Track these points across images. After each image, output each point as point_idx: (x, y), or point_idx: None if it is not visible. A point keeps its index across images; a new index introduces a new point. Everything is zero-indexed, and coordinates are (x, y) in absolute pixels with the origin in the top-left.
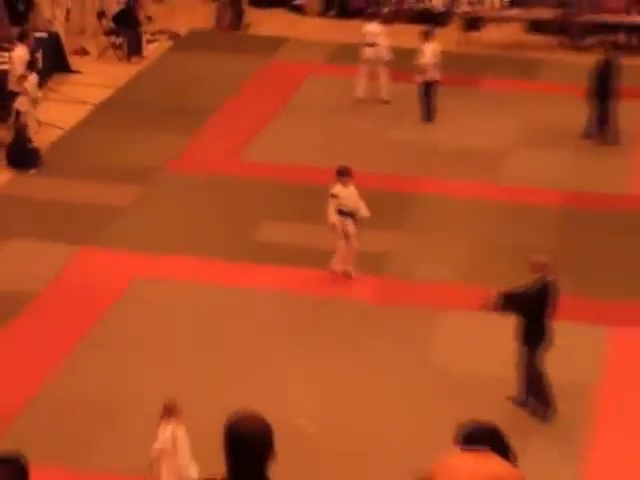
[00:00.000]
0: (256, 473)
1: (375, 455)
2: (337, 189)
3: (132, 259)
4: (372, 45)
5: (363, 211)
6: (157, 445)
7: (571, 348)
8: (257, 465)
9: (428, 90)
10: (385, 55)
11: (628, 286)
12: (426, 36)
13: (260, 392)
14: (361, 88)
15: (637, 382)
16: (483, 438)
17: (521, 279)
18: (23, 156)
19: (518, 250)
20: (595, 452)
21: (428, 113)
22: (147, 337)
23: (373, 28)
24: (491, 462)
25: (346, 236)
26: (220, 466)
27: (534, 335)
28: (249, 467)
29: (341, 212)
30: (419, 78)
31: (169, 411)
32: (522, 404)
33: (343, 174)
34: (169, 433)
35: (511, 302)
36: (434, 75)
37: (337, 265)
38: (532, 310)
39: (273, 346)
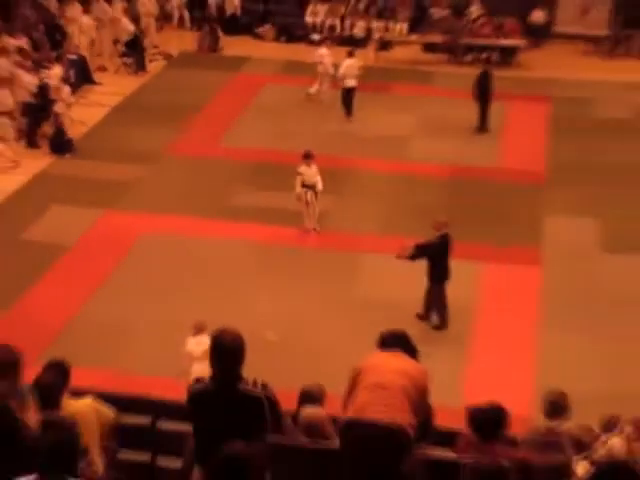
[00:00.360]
0: (233, 371)
1: (320, 355)
2: (302, 168)
3: (140, 219)
4: (321, 63)
5: (319, 185)
6: (186, 349)
7: (457, 280)
8: (234, 365)
9: (347, 94)
10: (329, 70)
11: (497, 234)
12: (348, 54)
13: (237, 313)
14: (315, 90)
15: (502, 303)
16: (396, 342)
17: (422, 230)
18: (61, 145)
19: (419, 209)
20: (474, 353)
21: (348, 111)
22: (154, 275)
23: (322, 51)
24: (401, 359)
25: (308, 204)
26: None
27: (439, 274)
28: (228, 367)
29: (304, 185)
30: (340, 85)
31: (199, 328)
32: (424, 319)
33: (307, 157)
34: (197, 345)
35: (421, 251)
36: (350, 83)
37: (306, 224)
38: (437, 256)
39: (247, 281)
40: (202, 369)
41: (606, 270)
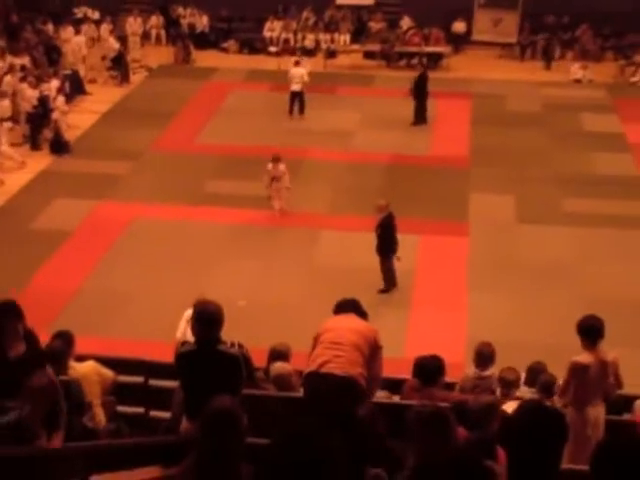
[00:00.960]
0: (214, 335)
1: (286, 317)
2: (269, 166)
3: (130, 207)
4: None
5: (286, 182)
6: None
7: (399, 250)
8: (214, 330)
9: (293, 97)
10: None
11: (431, 210)
12: (295, 64)
13: (215, 284)
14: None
15: (437, 269)
16: (349, 307)
17: (366, 209)
18: (60, 147)
19: (363, 191)
20: (415, 311)
21: (292, 110)
22: (144, 254)
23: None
24: (354, 320)
25: (272, 196)
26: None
27: (388, 248)
28: (210, 331)
29: (273, 178)
30: (290, 88)
31: (276, 159)
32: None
33: (275, 159)
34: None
35: (384, 231)
36: (296, 87)
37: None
38: (386, 233)
39: (223, 257)
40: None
41: (522, 239)
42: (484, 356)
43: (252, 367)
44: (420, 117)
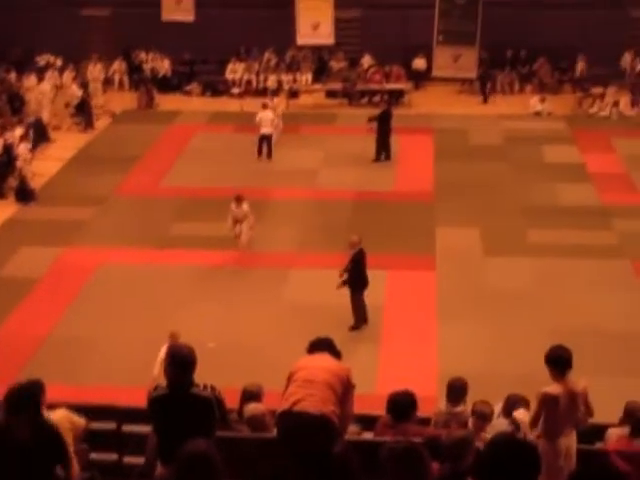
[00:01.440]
0: (186, 378)
1: (256, 357)
2: (232, 206)
3: (97, 252)
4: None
5: (251, 222)
6: (160, 355)
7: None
8: (187, 373)
9: (262, 140)
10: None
11: (397, 245)
12: (263, 107)
13: (183, 327)
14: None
15: (406, 303)
16: (322, 346)
17: (332, 245)
18: (25, 194)
19: (329, 228)
20: (385, 346)
21: (261, 153)
22: (112, 299)
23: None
24: (327, 359)
25: (237, 235)
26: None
27: (359, 283)
28: (183, 375)
29: (235, 220)
30: (260, 131)
31: (174, 337)
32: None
33: (237, 199)
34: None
35: (353, 267)
36: (265, 130)
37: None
38: (357, 269)
39: (189, 299)
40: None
41: (488, 270)
42: (456, 391)
43: (225, 409)
44: (384, 153)
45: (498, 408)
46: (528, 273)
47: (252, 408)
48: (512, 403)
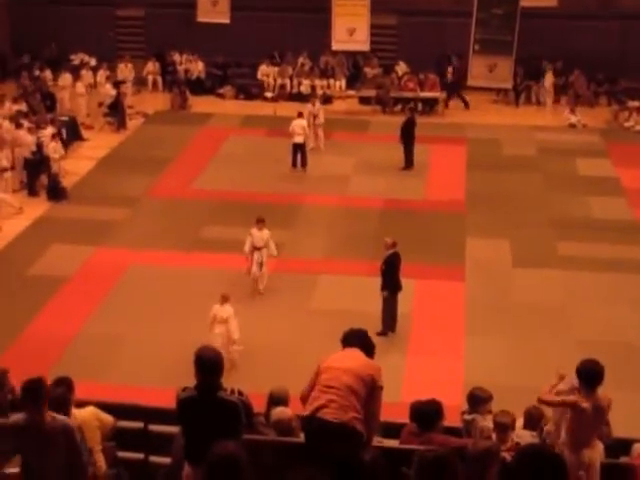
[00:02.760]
0: (214, 381)
1: (283, 361)
2: (253, 230)
3: (127, 253)
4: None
5: (272, 250)
6: (211, 313)
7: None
8: (214, 377)
9: (295, 149)
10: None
11: (427, 255)
12: (298, 115)
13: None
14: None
15: (434, 313)
16: (355, 339)
17: (361, 254)
18: (57, 193)
19: (358, 236)
20: (412, 355)
21: (295, 162)
22: (141, 300)
23: (312, 109)
24: (355, 359)
25: (258, 265)
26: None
27: (392, 286)
28: (210, 378)
29: (255, 248)
30: (293, 140)
31: (225, 299)
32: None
33: (258, 221)
34: (222, 311)
35: (389, 268)
36: (298, 139)
37: (256, 285)
38: (390, 271)
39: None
40: (222, 331)
41: (517, 282)
42: (477, 401)
43: (251, 414)
44: (408, 162)
45: (521, 422)
46: (557, 286)
47: (279, 412)
48: (534, 416)
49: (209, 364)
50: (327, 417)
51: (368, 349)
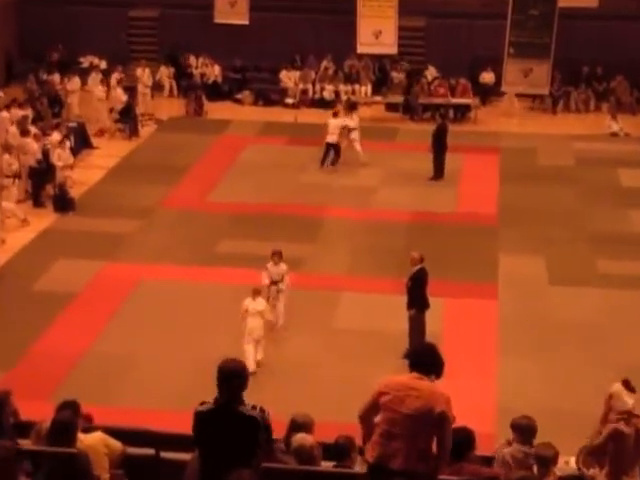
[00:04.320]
0: (233, 394)
1: (304, 385)
2: (269, 265)
3: (138, 268)
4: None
5: (286, 282)
6: (243, 306)
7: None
8: (234, 389)
9: (328, 148)
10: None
11: (457, 272)
12: (333, 115)
13: (227, 349)
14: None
15: (465, 334)
16: (424, 365)
17: (388, 270)
18: (64, 204)
19: (385, 251)
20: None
21: (324, 160)
22: (154, 316)
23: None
24: (418, 388)
25: (273, 298)
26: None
27: (419, 303)
28: (229, 390)
29: (272, 282)
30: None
31: (256, 293)
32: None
33: (275, 254)
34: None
35: (415, 284)
36: (331, 139)
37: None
38: (417, 288)
39: (234, 319)
40: (259, 323)
41: (554, 301)
42: (521, 429)
43: (272, 435)
44: (438, 171)
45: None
46: (595, 305)
47: (300, 438)
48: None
49: (230, 375)
50: (394, 467)
51: (437, 369)
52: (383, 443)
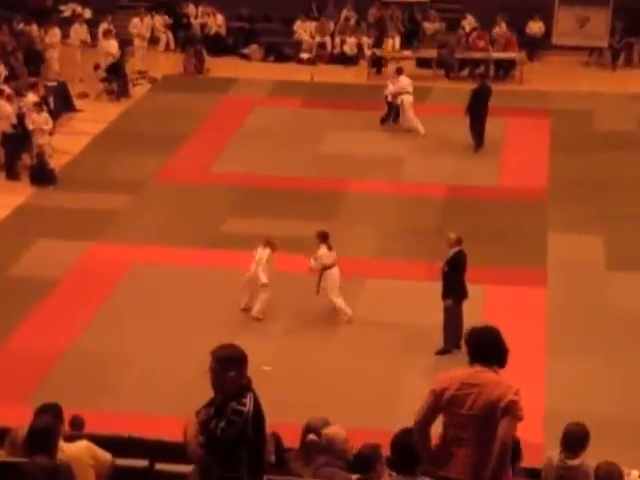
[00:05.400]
0: (228, 386)
1: (321, 388)
2: (324, 249)
3: (129, 250)
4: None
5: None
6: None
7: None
8: (227, 379)
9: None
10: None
11: (500, 255)
12: (397, 71)
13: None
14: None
15: (508, 327)
16: (487, 353)
17: (419, 251)
18: (43, 176)
19: (416, 231)
20: None
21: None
22: (148, 307)
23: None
24: (485, 383)
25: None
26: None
27: (456, 292)
28: (224, 381)
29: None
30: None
31: (267, 242)
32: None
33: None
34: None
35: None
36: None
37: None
38: (454, 274)
39: (238, 309)
40: (251, 273)
41: (612, 289)
42: (574, 440)
43: (283, 449)
44: (477, 139)
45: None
46: None
47: (334, 431)
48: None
49: (221, 360)
50: (459, 476)
51: (500, 358)
52: (451, 453)
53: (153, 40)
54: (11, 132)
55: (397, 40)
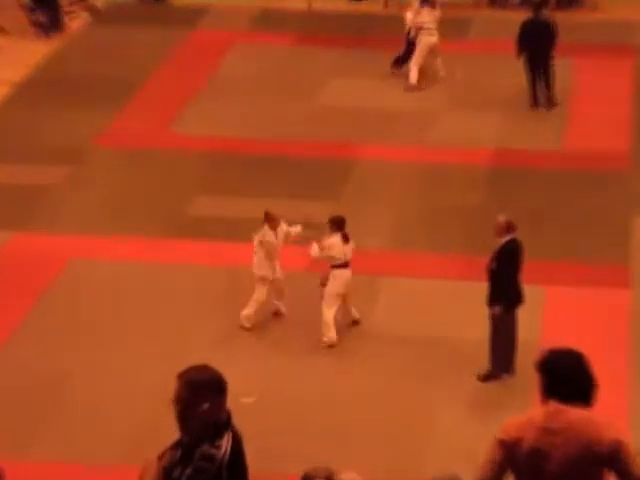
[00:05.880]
0: (195, 421)
1: (321, 425)
2: (335, 238)
3: (66, 240)
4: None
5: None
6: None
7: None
8: (198, 415)
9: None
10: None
11: (566, 246)
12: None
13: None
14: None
15: (576, 337)
16: (574, 390)
17: (453, 240)
18: None
19: (448, 214)
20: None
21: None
22: (89, 311)
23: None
24: (575, 426)
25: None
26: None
27: (508, 294)
28: (190, 417)
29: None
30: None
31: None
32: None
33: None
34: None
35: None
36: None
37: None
38: (506, 270)
39: (210, 318)
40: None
41: None
42: None
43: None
44: (540, 95)
45: None
46: None
47: (347, 477)
48: None
49: (192, 390)
50: None
51: (586, 393)
52: None
53: None
54: None
55: None
